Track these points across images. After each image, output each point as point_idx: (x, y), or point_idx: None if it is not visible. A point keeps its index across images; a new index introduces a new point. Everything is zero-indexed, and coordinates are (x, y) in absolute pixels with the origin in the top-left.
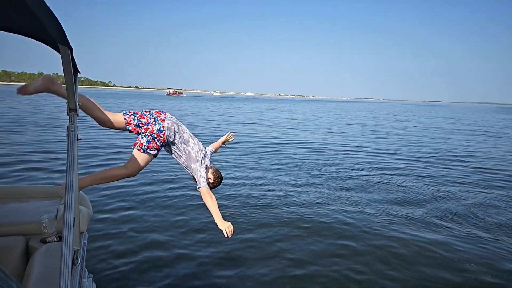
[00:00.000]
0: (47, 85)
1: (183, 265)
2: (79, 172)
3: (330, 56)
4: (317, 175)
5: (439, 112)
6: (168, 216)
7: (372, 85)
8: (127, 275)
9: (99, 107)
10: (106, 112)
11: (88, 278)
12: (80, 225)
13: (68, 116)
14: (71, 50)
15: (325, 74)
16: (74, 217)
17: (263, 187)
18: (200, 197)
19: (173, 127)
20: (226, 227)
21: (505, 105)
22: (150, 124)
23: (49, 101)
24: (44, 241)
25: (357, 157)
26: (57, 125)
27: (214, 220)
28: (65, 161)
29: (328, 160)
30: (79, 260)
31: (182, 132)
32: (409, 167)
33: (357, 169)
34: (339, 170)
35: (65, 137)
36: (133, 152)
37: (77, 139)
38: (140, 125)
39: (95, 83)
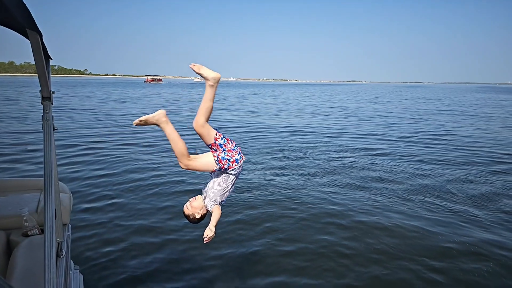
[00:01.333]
0: (160, 119)
1: (171, 250)
2: (58, 163)
3: (313, 39)
4: (302, 157)
5: (420, 93)
6: (153, 203)
7: (354, 68)
8: (114, 264)
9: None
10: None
11: (74, 270)
12: (62, 216)
13: (42, 106)
14: (41, 36)
15: (307, 58)
16: (55, 209)
17: (249, 171)
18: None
19: (241, 167)
20: (211, 234)
21: (484, 84)
22: (234, 151)
23: (22, 91)
24: (26, 235)
25: (341, 139)
26: (32, 116)
27: (208, 222)
28: (43, 152)
29: (312, 143)
30: (64, 252)
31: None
32: (391, 148)
33: (340, 151)
34: (323, 153)
35: (41, 127)
36: (205, 154)
37: (54, 129)
38: (223, 146)
39: (70, 72)
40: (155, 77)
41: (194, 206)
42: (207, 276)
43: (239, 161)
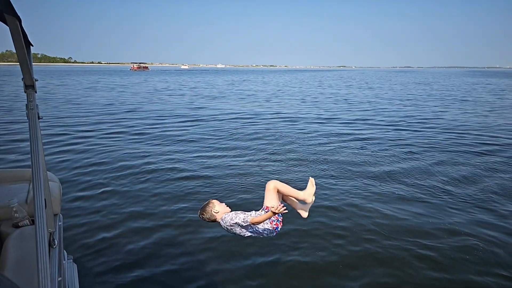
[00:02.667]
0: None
1: (164, 236)
2: (46, 152)
3: (302, 25)
4: (292, 143)
5: (409, 78)
6: (145, 190)
7: (344, 53)
8: (108, 253)
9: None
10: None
11: (68, 260)
12: (52, 206)
13: (25, 94)
14: (20, 21)
15: (297, 44)
16: (45, 199)
17: (241, 158)
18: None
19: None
20: (275, 208)
21: (473, 68)
22: (280, 222)
23: (6, 81)
24: (16, 226)
25: (331, 125)
26: (17, 107)
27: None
28: (29, 142)
29: (302, 129)
30: (56, 242)
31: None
32: (381, 133)
33: (331, 137)
34: (313, 139)
35: (26, 117)
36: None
37: (39, 118)
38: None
39: (53, 60)
40: (141, 65)
41: (217, 208)
42: (201, 258)
43: (274, 232)
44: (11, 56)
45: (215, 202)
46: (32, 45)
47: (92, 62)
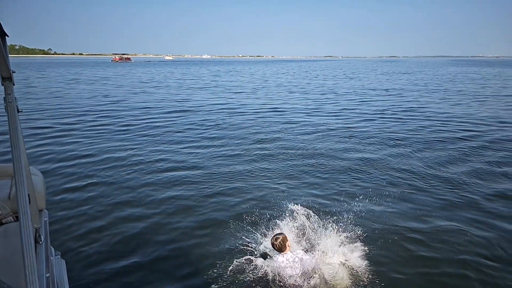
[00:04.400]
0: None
1: (152, 228)
2: (29, 146)
3: (289, 15)
4: (279, 131)
5: (395, 67)
6: (132, 182)
7: (331, 43)
8: (96, 247)
9: None
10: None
11: (55, 256)
12: (37, 201)
13: (3, 87)
14: None
15: (284, 34)
16: (28, 194)
17: (228, 148)
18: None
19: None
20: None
21: (457, 57)
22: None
23: None
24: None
25: (318, 115)
26: None
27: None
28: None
29: (290, 120)
30: (42, 238)
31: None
32: (367, 122)
33: (318, 126)
34: (300, 129)
35: (4, 110)
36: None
37: (18, 111)
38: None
39: (32, 52)
40: (123, 56)
41: (289, 244)
42: (191, 244)
43: None
44: None
45: (287, 241)
46: (8, 36)
47: (73, 54)
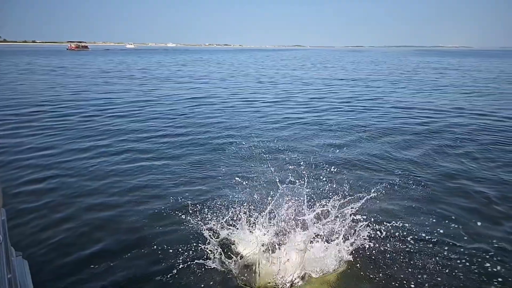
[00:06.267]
0: None
1: (116, 225)
2: None
3: (256, 3)
4: (248, 120)
5: (361, 57)
6: (96, 176)
7: (299, 32)
8: (59, 246)
9: None
10: None
11: (17, 256)
12: None
13: None
14: None
15: (252, 23)
16: None
17: (196, 136)
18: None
19: None
20: None
21: (421, 47)
22: None
23: None
24: None
25: (287, 106)
26: None
27: None
28: None
29: (259, 110)
30: (1, 238)
31: None
32: (335, 109)
33: (287, 115)
34: (270, 118)
35: None
36: None
37: None
38: None
39: None
40: (80, 44)
41: None
42: (158, 231)
43: None
44: None
45: None
46: None
47: (26, 41)
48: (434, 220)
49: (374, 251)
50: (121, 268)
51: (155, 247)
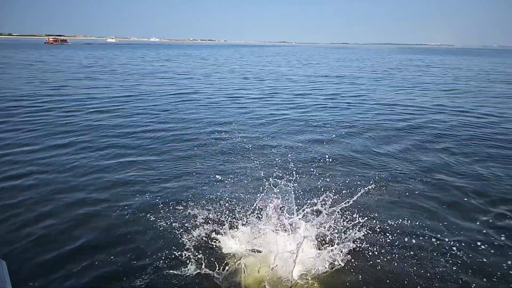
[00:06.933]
0: None
1: (97, 222)
2: None
3: None
4: (234, 115)
5: (346, 54)
6: (77, 172)
7: (285, 29)
8: (38, 245)
9: None
10: None
11: None
12: None
13: None
14: None
15: (237, 18)
16: None
17: (180, 131)
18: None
19: None
20: None
21: (403, 45)
22: None
23: None
24: None
25: (272, 102)
26: None
27: None
28: None
29: (244, 106)
30: None
31: None
32: (319, 106)
33: (275, 109)
34: (255, 115)
35: None
36: None
37: None
38: None
39: None
40: (58, 37)
41: None
42: (141, 227)
43: None
44: None
45: None
46: None
47: (1, 34)
48: (414, 214)
49: (354, 247)
50: (102, 265)
51: (136, 243)
